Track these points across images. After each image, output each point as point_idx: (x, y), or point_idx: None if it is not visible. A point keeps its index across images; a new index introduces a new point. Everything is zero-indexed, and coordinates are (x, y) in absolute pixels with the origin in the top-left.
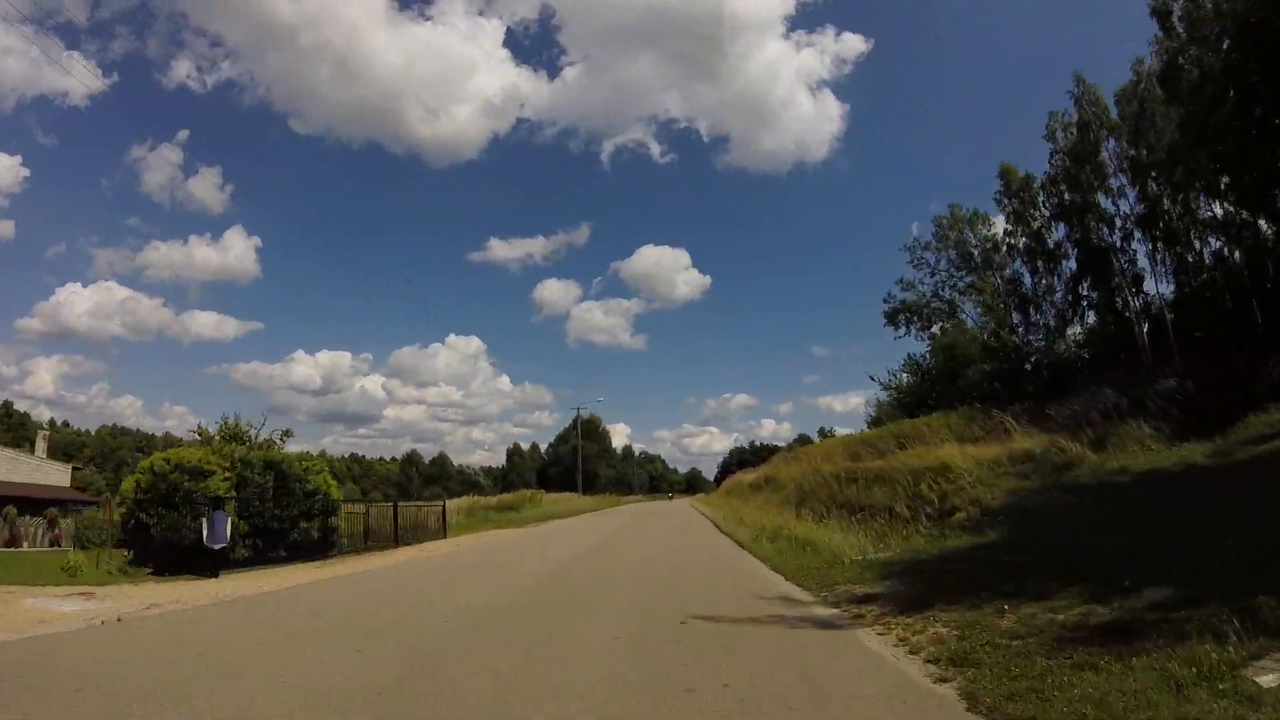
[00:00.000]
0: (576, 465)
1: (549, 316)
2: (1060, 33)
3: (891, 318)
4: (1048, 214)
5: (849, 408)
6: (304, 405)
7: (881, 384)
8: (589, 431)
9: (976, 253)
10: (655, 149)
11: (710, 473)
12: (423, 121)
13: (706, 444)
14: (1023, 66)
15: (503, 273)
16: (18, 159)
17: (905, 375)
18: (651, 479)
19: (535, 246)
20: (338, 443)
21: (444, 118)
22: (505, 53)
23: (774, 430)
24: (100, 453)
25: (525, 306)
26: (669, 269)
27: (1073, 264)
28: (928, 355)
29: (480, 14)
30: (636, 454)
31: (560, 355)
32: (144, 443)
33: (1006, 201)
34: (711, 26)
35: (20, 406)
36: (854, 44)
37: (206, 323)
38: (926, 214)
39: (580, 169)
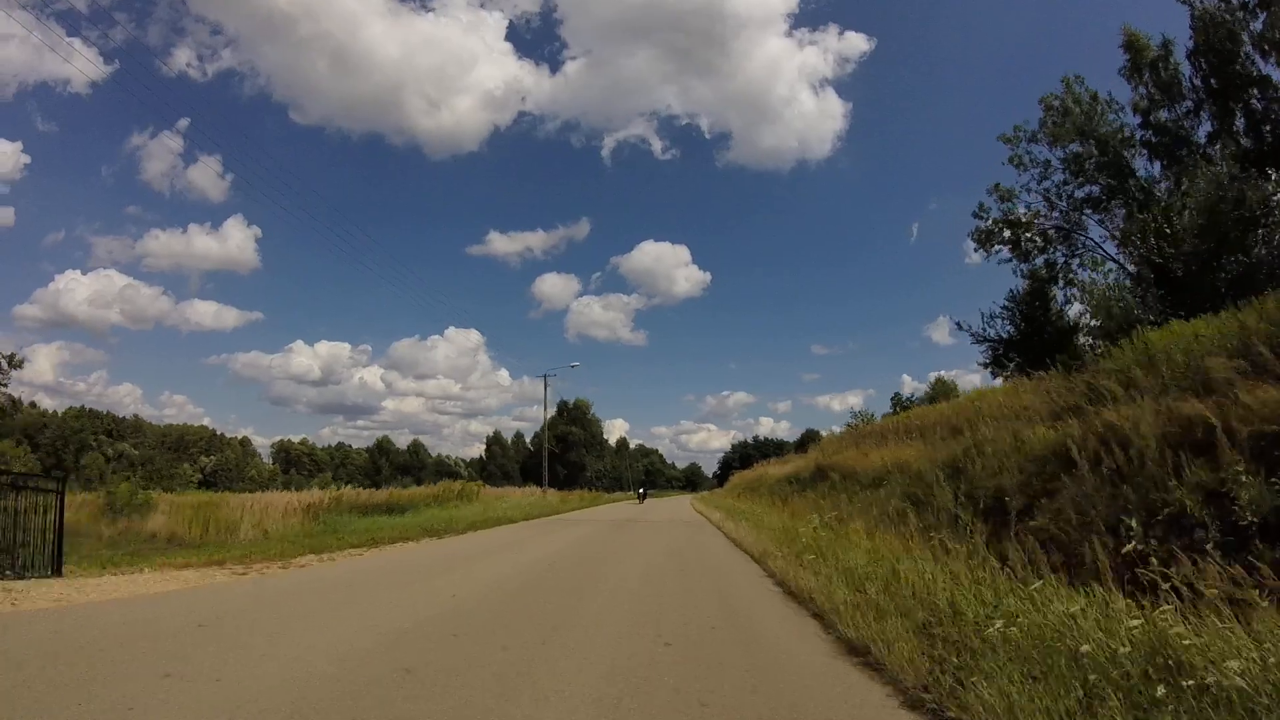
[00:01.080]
0: (543, 451)
1: (548, 310)
2: (1059, 32)
3: (984, 240)
4: (1197, 92)
5: (847, 406)
6: (304, 396)
7: (973, 334)
8: (576, 417)
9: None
10: (656, 144)
11: (709, 468)
12: (423, 114)
13: (705, 441)
14: (1023, 65)
15: (502, 266)
16: (18, 145)
17: (1003, 321)
18: (647, 474)
19: (535, 240)
20: (336, 433)
21: (444, 110)
22: (507, 45)
23: (772, 428)
24: (61, 435)
25: (524, 300)
26: (669, 265)
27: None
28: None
29: (481, 6)
30: (632, 447)
31: (559, 349)
32: (114, 426)
33: (1137, 79)
34: (713, 23)
35: (16, 393)
36: (857, 43)
37: (206, 312)
38: (928, 213)
39: (581, 163)
